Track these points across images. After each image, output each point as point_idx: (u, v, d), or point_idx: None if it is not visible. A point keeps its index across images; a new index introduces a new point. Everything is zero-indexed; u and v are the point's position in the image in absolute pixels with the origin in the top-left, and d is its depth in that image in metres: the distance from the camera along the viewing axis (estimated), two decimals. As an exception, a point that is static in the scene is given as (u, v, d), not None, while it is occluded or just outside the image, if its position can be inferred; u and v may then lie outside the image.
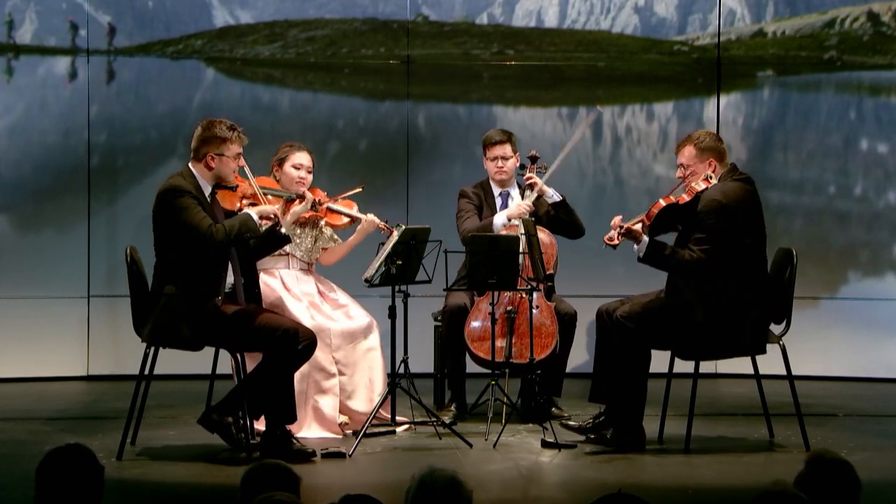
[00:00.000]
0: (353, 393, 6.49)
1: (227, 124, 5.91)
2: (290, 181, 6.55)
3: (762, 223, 6.12)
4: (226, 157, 5.86)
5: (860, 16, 8.65)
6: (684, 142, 6.20)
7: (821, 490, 3.43)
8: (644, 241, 5.97)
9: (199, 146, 5.89)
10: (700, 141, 6.13)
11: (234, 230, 5.72)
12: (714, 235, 5.94)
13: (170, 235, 5.79)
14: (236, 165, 5.92)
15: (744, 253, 6.00)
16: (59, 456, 3.45)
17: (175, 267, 5.78)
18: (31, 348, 8.19)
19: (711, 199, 5.98)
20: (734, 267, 5.97)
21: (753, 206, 6.08)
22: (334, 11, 8.69)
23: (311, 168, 6.63)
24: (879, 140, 8.57)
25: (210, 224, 5.70)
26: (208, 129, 5.89)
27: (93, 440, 6.11)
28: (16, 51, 8.38)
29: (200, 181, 5.87)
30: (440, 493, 3.20)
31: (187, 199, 5.72)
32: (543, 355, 6.61)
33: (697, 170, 6.11)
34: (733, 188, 6.05)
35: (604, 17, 8.73)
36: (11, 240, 8.32)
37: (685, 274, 5.98)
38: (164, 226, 5.81)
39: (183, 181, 5.81)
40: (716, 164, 6.12)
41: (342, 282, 6.83)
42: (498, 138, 7.07)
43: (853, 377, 8.26)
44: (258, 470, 3.60)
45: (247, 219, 5.77)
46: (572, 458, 5.98)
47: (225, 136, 5.86)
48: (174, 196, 5.75)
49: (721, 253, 5.94)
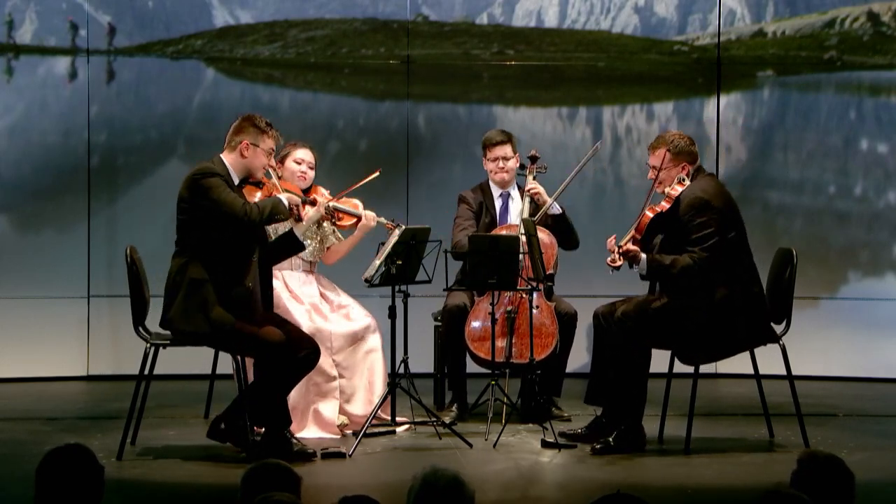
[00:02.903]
0: (352, 396, 6.48)
1: (265, 120, 5.98)
2: (292, 176, 6.56)
3: (740, 217, 6.15)
4: (260, 149, 5.91)
5: (860, 16, 8.65)
6: (657, 144, 6.20)
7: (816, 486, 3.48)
8: (642, 259, 6.00)
9: (235, 135, 5.93)
10: (674, 145, 6.13)
11: (267, 210, 5.78)
12: (708, 232, 5.97)
13: (200, 216, 5.76)
14: (267, 162, 5.97)
15: (730, 247, 6.02)
16: (59, 456, 3.45)
17: (202, 251, 5.75)
18: (31, 348, 8.19)
19: (694, 197, 6.01)
20: (723, 262, 5.99)
21: (730, 201, 6.14)
22: (334, 11, 8.69)
23: (312, 164, 6.64)
24: (879, 140, 8.57)
25: (244, 202, 5.74)
26: (247, 120, 5.96)
27: (93, 440, 6.11)
28: (16, 51, 8.38)
29: (231, 171, 5.89)
30: (443, 493, 3.20)
31: (217, 179, 5.76)
32: (543, 355, 6.61)
33: (671, 173, 6.13)
34: (709, 184, 6.13)
35: (604, 17, 8.73)
36: (11, 240, 8.32)
37: (690, 278, 5.98)
38: (195, 207, 5.77)
39: (212, 165, 5.85)
40: (689, 167, 6.14)
41: (342, 282, 6.83)
42: (499, 139, 7.06)
43: (853, 377, 8.26)
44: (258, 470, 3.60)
45: (277, 202, 5.83)
46: (572, 458, 5.98)
47: (263, 129, 5.93)
48: (206, 176, 5.77)
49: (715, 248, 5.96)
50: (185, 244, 5.82)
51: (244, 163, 5.91)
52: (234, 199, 5.73)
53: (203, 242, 5.76)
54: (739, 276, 6.04)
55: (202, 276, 5.73)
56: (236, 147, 5.90)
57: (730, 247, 6.03)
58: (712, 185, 6.12)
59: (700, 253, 5.96)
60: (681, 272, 5.98)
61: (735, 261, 6.04)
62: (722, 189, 6.16)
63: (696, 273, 5.96)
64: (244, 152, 5.89)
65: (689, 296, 5.99)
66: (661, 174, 6.13)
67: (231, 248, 5.77)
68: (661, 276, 6.06)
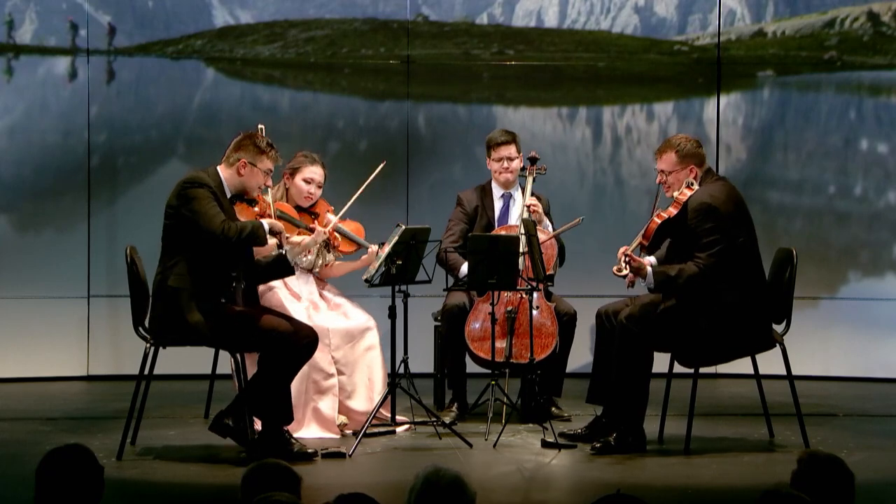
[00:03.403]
0: (352, 392, 6.49)
1: (267, 140, 5.97)
2: (298, 194, 6.55)
3: (751, 220, 6.13)
4: (256, 169, 5.90)
5: (860, 16, 8.65)
6: (664, 148, 6.18)
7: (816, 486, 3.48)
8: (648, 272, 5.97)
9: (235, 151, 5.93)
10: (681, 148, 6.12)
11: (246, 232, 5.72)
12: (714, 239, 5.94)
13: (182, 225, 5.78)
14: (263, 182, 5.95)
15: (738, 252, 6.00)
16: (59, 456, 3.45)
17: (182, 260, 5.77)
18: (31, 348, 8.19)
19: (700, 203, 5.97)
20: (731, 267, 5.97)
21: (740, 204, 6.10)
22: (334, 11, 8.69)
23: (321, 183, 6.62)
24: (879, 140, 8.57)
25: (224, 220, 5.71)
26: (248, 138, 5.95)
27: (93, 440, 6.11)
28: (16, 51, 8.38)
29: (225, 185, 5.89)
30: (444, 492, 3.20)
31: (206, 192, 5.75)
32: (543, 355, 6.61)
33: (679, 176, 6.11)
34: (718, 189, 6.08)
35: (604, 17, 8.73)
36: (11, 240, 8.32)
37: (697, 286, 5.95)
38: (179, 215, 5.79)
39: (206, 176, 5.84)
40: (696, 170, 6.12)
41: (342, 282, 6.84)
42: (503, 139, 7.05)
43: (853, 377, 8.26)
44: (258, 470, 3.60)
45: (258, 227, 5.76)
46: (572, 458, 5.98)
47: (263, 149, 5.92)
48: (194, 186, 5.77)
49: (722, 253, 5.94)
50: (168, 250, 5.84)
51: (240, 180, 5.91)
52: (216, 214, 5.71)
53: (185, 250, 5.77)
54: (748, 281, 6.01)
55: (181, 284, 5.75)
56: (234, 164, 5.90)
57: (739, 251, 6.00)
58: (720, 190, 6.07)
59: (707, 259, 5.93)
60: (687, 281, 5.94)
61: (744, 265, 6.01)
62: (731, 192, 6.10)
63: (702, 280, 5.93)
64: (241, 170, 5.89)
65: (696, 299, 5.97)
66: (669, 178, 6.11)
67: (211, 260, 5.77)
68: (669, 287, 6.01)
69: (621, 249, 6.05)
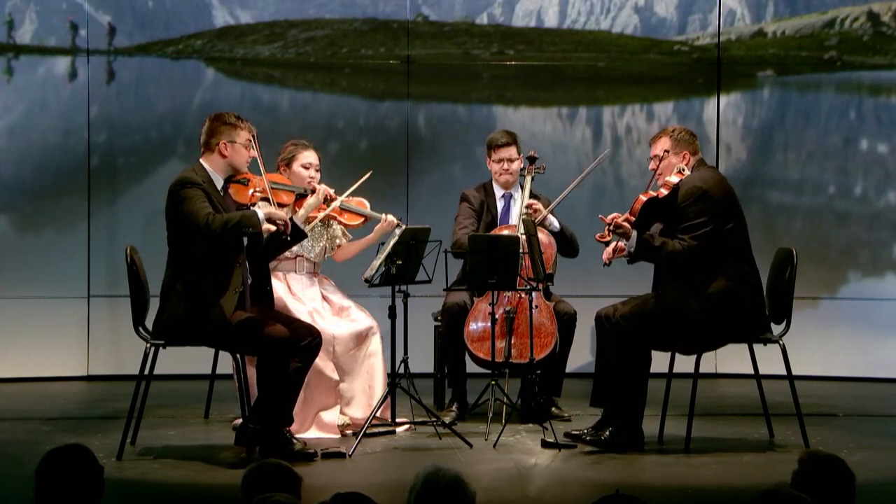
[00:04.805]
0: (351, 400, 6.48)
1: (234, 114, 5.98)
2: (301, 181, 6.54)
3: (740, 208, 6.14)
4: (238, 144, 5.90)
5: (860, 16, 8.65)
6: (659, 135, 6.24)
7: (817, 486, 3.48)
8: (633, 235, 5.99)
9: (210, 137, 5.93)
10: (675, 133, 6.17)
11: (233, 221, 5.68)
12: (701, 221, 5.96)
13: (180, 228, 5.79)
14: (248, 155, 5.95)
15: (726, 238, 6.02)
16: (59, 456, 3.45)
17: (185, 261, 5.77)
18: (31, 348, 8.19)
19: (692, 186, 6.01)
20: (719, 252, 5.98)
21: (731, 193, 6.13)
22: (334, 11, 8.69)
23: (318, 166, 6.64)
24: (879, 140, 8.57)
25: (209, 213, 5.69)
26: (217, 120, 5.95)
27: (93, 440, 6.11)
28: (16, 51, 8.38)
29: (212, 174, 5.89)
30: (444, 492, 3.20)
31: (192, 190, 5.75)
32: (543, 355, 6.61)
33: (672, 161, 6.13)
34: (709, 175, 6.13)
35: (604, 17, 8.73)
36: (11, 240, 8.32)
37: (677, 264, 5.98)
38: (174, 219, 5.82)
39: (193, 174, 5.84)
40: (690, 157, 6.15)
41: (343, 283, 6.83)
42: (504, 140, 7.05)
43: (853, 377, 8.26)
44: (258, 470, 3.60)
45: (251, 215, 5.74)
46: (572, 458, 5.98)
47: (234, 123, 5.92)
48: (180, 187, 5.78)
49: (709, 238, 5.95)
50: (174, 254, 5.85)
51: (226, 161, 5.91)
52: (201, 209, 5.70)
53: (186, 253, 5.78)
54: (737, 266, 6.03)
55: (188, 287, 5.75)
56: (214, 148, 5.90)
57: (727, 237, 6.02)
58: (712, 176, 6.11)
59: (690, 241, 5.95)
60: (668, 255, 5.97)
61: (733, 251, 6.04)
62: (722, 180, 6.15)
63: (683, 260, 5.95)
64: (223, 151, 5.90)
65: (686, 287, 5.98)
66: (661, 164, 6.13)
67: (212, 258, 5.76)
68: (649, 256, 6.03)
69: (610, 216, 6.04)
